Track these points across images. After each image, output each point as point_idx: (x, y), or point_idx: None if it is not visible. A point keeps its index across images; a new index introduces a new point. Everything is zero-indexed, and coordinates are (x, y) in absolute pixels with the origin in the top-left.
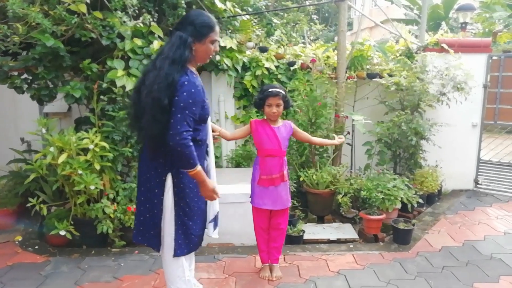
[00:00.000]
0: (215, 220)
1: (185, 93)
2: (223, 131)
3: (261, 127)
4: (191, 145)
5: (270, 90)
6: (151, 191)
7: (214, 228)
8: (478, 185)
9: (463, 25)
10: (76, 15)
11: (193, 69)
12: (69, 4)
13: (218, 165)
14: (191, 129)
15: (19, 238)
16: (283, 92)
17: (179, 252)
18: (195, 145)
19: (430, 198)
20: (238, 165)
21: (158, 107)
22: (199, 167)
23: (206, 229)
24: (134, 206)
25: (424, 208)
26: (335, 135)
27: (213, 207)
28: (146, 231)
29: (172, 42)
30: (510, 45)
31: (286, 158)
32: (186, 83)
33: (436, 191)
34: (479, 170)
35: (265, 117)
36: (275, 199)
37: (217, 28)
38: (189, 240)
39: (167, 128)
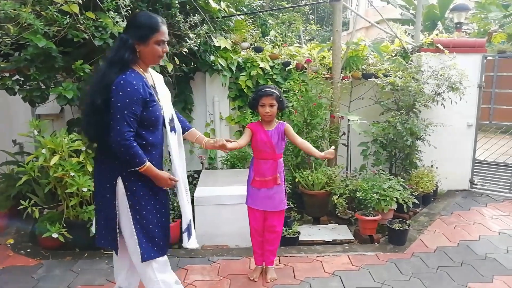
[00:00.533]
0: (188, 229)
1: (121, 93)
2: (230, 145)
3: (257, 130)
4: (135, 145)
5: (263, 90)
6: (104, 197)
7: (189, 238)
8: (473, 185)
9: (458, 25)
10: (68, 16)
11: (140, 70)
12: (61, 5)
13: (213, 167)
14: (132, 129)
15: (11, 241)
16: (277, 92)
17: (146, 256)
18: (143, 149)
19: (426, 199)
20: (233, 166)
21: (92, 108)
22: (147, 163)
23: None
24: None
25: (420, 208)
26: (325, 148)
27: (184, 216)
28: (107, 235)
29: (113, 46)
30: (505, 45)
31: (281, 161)
32: (121, 82)
33: (432, 191)
34: (475, 170)
35: (260, 119)
36: (267, 201)
37: (162, 28)
38: (153, 243)
39: (104, 131)
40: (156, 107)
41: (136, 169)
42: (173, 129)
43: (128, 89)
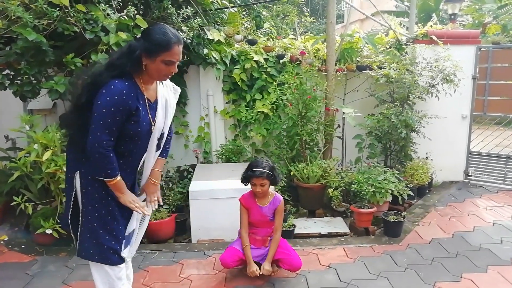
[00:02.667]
0: (128, 238)
1: (108, 98)
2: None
3: (250, 205)
4: (111, 156)
5: (254, 169)
6: (66, 185)
7: (125, 247)
8: (468, 177)
9: (452, 16)
10: (58, 9)
11: (139, 81)
12: None
13: (208, 161)
14: (112, 139)
15: (5, 238)
16: (268, 171)
17: (84, 254)
18: (120, 156)
19: (421, 191)
20: (228, 160)
21: (75, 104)
22: (118, 178)
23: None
24: None
25: (415, 200)
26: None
27: (130, 223)
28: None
29: (121, 49)
30: (499, 36)
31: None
32: (112, 86)
33: (427, 183)
34: (469, 161)
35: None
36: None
37: (174, 49)
38: (101, 249)
39: (80, 129)
40: (139, 123)
41: (104, 179)
42: (158, 147)
43: (116, 97)
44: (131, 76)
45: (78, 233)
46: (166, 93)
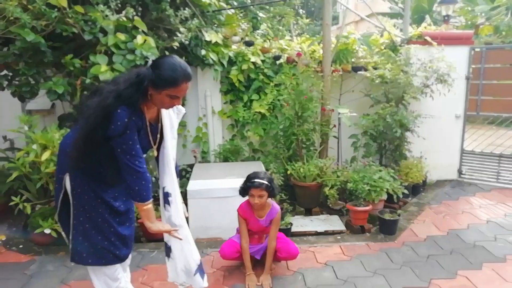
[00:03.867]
0: (201, 269)
1: (119, 123)
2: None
3: (248, 215)
4: (148, 176)
5: (252, 180)
6: (55, 185)
7: (202, 277)
8: (461, 175)
9: (446, 17)
10: (56, 9)
11: (142, 107)
12: None
13: (206, 160)
14: (141, 159)
15: (3, 238)
16: (266, 182)
17: (77, 258)
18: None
19: (415, 189)
20: (226, 159)
21: (90, 139)
22: (151, 204)
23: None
24: None
25: (410, 198)
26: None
27: (193, 258)
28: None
29: (129, 76)
30: (492, 37)
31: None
32: (119, 111)
33: (421, 181)
34: (463, 160)
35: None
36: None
37: (181, 86)
38: (94, 250)
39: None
40: (143, 141)
41: (139, 203)
42: (176, 167)
43: (126, 120)
44: (136, 105)
45: (70, 237)
46: (170, 113)
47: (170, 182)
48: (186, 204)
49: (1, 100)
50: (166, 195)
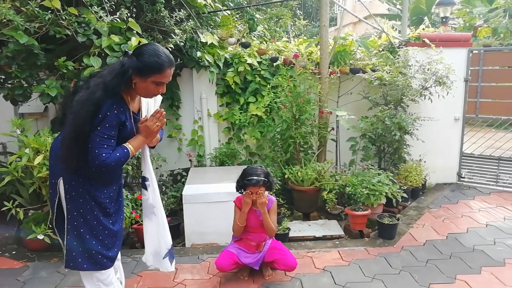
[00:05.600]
0: (171, 254)
1: (100, 116)
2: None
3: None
4: (109, 157)
5: (249, 178)
6: (49, 191)
7: (171, 262)
8: (461, 179)
9: (444, 19)
10: (50, 11)
11: (126, 97)
12: (42, 0)
13: (201, 164)
14: (110, 151)
15: None
16: (263, 178)
17: (72, 264)
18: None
19: (415, 193)
20: (222, 163)
21: (81, 132)
22: (131, 148)
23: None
24: None
25: (409, 202)
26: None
27: (165, 242)
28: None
29: (114, 67)
30: (490, 39)
31: None
32: (105, 107)
33: (420, 185)
34: (462, 163)
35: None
36: (246, 260)
37: (166, 72)
38: (89, 255)
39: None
40: (125, 135)
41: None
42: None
43: (109, 113)
44: (119, 93)
45: (65, 242)
46: (149, 100)
47: (146, 168)
48: (181, 209)
49: None
50: (143, 179)
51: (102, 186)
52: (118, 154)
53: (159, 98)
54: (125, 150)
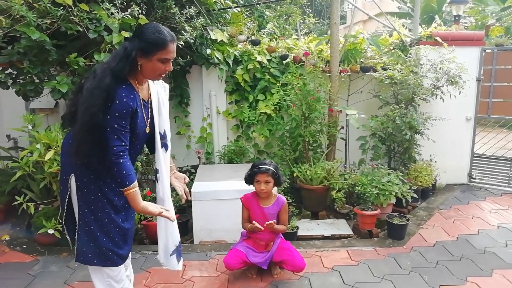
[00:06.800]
0: (178, 252)
1: (110, 104)
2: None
3: (252, 205)
4: (122, 162)
5: (258, 166)
6: (60, 187)
7: (178, 260)
8: (472, 179)
9: (456, 18)
10: (61, 8)
11: (134, 83)
12: None
13: (210, 161)
14: (123, 144)
15: (6, 237)
16: (272, 168)
17: (82, 259)
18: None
19: (425, 193)
20: (230, 161)
21: (95, 122)
22: (133, 190)
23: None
24: None
25: (419, 203)
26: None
27: (172, 238)
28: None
29: (116, 52)
30: (503, 38)
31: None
32: (121, 88)
33: (431, 185)
34: (473, 164)
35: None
36: (255, 258)
37: (169, 47)
38: (101, 252)
39: (99, 148)
40: (137, 124)
41: (121, 189)
42: (164, 145)
43: (117, 101)
44: (126, 78)
45: (76, 237)
46: (158, 89)
47: (157, 159)
48: (190, 206)
49: (5, 98)
50: (156, 172)
51: (113, 181)
52: (127, 165)
53: (167, 87)
54: (131, 175)
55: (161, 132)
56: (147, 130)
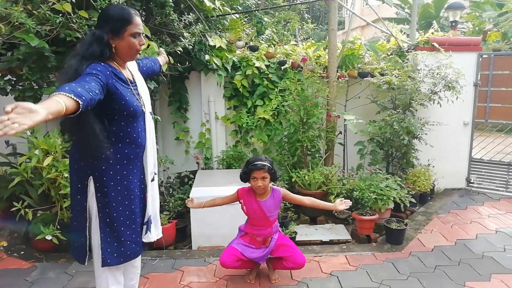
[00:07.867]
0: (147, 224)
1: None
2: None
3: (248, 199)
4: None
5: (254, 163)
6: (75, 197)
7: (146, 232)
8: (470, 184)
9: (453, 23)
10: (61, 15)
11: (115, 65)
12: (53, 3)
13: (208, 167)
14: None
15: (4, 244)
16: (268, 164)
17: (109, 261)
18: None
19: (423, 198)
20: (229, 166)
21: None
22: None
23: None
24: None
25: (417, 207)
26: (337, 200)
27: (152, 207)
28: (76, 242)
29: (85, 39)
30: (500, 44)
31: (276, 223)
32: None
33: (429, 190)
34: (471, 168)
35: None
36: (253, 255)
37: (135, 20)
38: (125, 247)
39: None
40: (128, 101)
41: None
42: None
43: (88, 68)
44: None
45: (99, 242)
46: (136, 69)
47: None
48: (188, 211)
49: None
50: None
51: (132, 163)
52: (73, 85)
53: (134, 63)
54: (64, 87)
55: (150, 111)
56: (144, 109)
